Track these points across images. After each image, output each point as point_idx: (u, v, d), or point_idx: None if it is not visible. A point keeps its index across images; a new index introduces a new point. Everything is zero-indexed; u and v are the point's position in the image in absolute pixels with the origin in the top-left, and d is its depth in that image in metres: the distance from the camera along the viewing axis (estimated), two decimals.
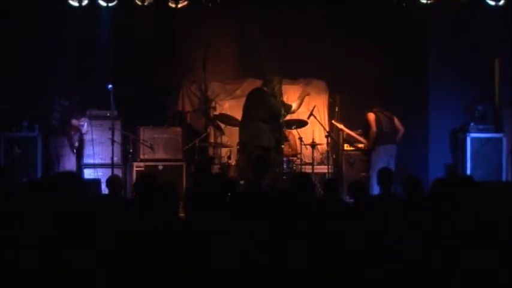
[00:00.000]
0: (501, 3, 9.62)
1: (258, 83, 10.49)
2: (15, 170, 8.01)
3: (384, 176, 6.19)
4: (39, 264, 3.68)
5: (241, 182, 8.36)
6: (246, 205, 5.40)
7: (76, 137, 9.08)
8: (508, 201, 5.08)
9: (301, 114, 10.02)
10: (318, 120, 9.58)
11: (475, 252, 3.85)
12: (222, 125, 9.41)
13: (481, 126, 9.83)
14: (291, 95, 10.53)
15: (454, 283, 3.79)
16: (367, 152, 9.53)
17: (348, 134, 9.72)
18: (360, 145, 9.78)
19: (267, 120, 8.57)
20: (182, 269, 3.85)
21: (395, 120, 9.33)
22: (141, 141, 9.57)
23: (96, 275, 3.72)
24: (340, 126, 9.66)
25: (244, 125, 8.72)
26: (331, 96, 10.27)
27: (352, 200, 6.31)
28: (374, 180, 7.79)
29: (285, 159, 9.17)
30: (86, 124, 9.15)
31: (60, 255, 3.71)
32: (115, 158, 9.09)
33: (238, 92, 10.60)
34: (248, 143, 8.55)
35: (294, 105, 9.11)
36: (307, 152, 9.69)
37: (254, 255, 3.92)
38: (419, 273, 3.85)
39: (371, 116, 9.28)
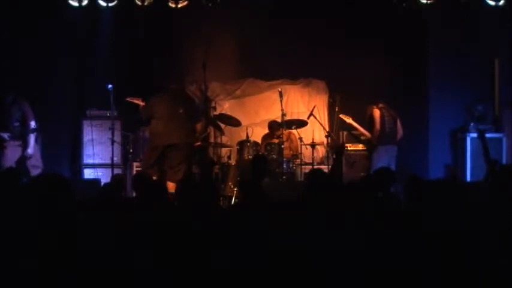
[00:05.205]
0: (501, 3, 9.62)
1: (257, 83, 10.56)
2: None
3: (383, 176, 6.14)
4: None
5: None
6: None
7: None
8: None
9: (301, 114, 10.04)
10: (318, 120, 9.57)
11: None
12: (222, 125, 9.42)
13: (481, 126, 9.80)
14: (291, 95, 10.56)
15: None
16: (369, 150, 9.44)
17: (356, 128, 9.55)
18: (363, 137, 9.65)
19: (191, 116, 8.44)
20: (183, 268, 3.85)
21: (398, 121, 9.24)
22: (141, 141, 9.57)
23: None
24: (349, 120, 9.52)
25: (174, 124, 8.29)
26: (331, 96, 10.26)
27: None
28: None
29: (284, 159, 9.17)
30: (7, 135, 8.26)
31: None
32: (115, 158, 9.09)
33: (238, 92, 10.64)
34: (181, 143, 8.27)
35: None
36: (307, 152, 9.69)
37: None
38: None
39: (376, 113, 9.15)
